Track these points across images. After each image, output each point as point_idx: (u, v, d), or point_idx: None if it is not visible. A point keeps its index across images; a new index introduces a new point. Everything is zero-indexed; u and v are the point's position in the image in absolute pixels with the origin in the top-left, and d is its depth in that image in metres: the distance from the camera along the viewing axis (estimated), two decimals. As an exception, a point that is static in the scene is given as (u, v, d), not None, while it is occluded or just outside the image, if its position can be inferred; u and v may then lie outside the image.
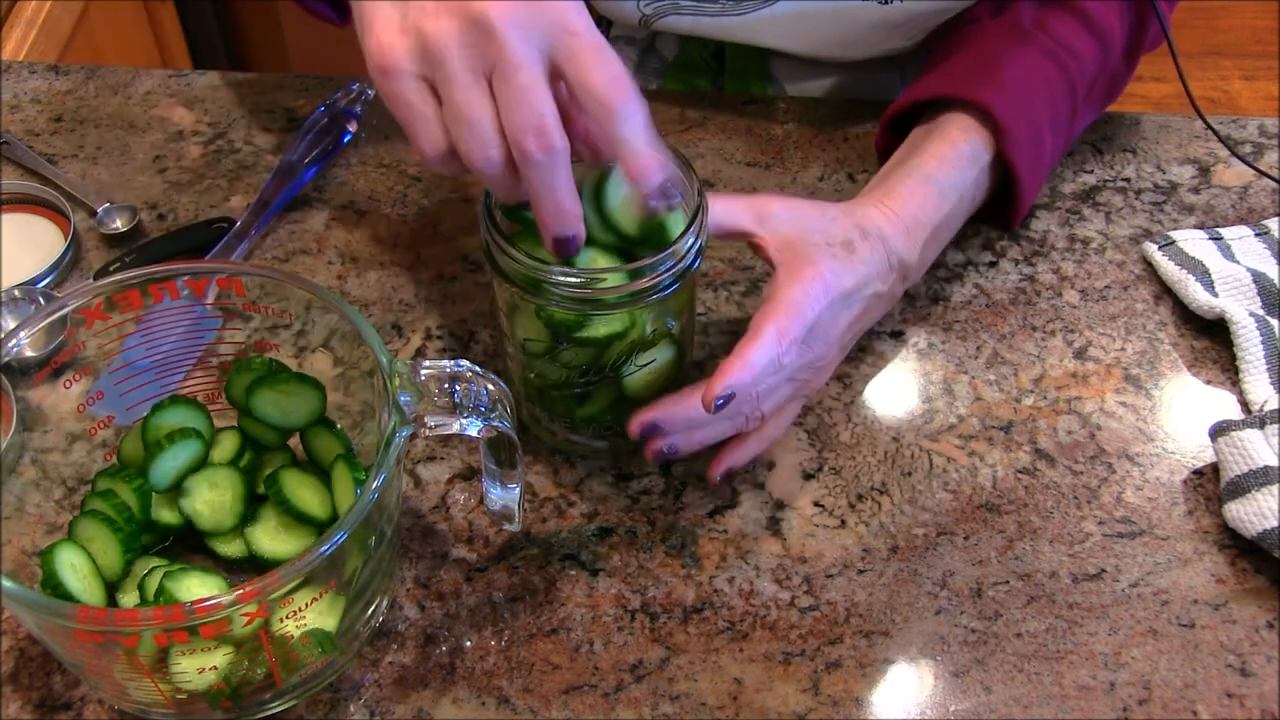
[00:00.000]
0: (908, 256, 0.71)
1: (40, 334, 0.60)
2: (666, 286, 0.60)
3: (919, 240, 0.72)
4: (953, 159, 0.74)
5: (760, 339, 0.63)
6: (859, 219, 0.70)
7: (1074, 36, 0.78)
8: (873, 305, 0.70)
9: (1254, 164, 0.83)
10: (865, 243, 0.68)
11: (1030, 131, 0.75)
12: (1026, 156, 0.75)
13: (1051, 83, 0.77)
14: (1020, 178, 0.76)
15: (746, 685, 0.61)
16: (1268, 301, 0.75)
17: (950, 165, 0.74)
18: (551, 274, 0.59)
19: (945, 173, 0.74)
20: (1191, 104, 0.82)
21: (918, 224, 0.72)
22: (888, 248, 0.69)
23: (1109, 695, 0.61)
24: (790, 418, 0.70)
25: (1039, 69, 0.76)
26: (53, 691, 0.61)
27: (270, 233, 0.82)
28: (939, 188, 0.73)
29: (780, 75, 0.94)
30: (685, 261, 0.60)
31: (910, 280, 0.74)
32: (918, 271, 0.74)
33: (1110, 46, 0.79)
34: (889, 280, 0.70)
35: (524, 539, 0.67)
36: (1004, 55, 0.77)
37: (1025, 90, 0.76)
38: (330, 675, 0.60)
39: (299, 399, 0.63)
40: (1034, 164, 0.77)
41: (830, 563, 0.66)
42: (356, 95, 0.89)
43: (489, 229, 0.61)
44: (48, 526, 0.64)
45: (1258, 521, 0.64)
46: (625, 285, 0.59)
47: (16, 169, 0.86)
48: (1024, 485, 0.69)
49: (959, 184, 0.74)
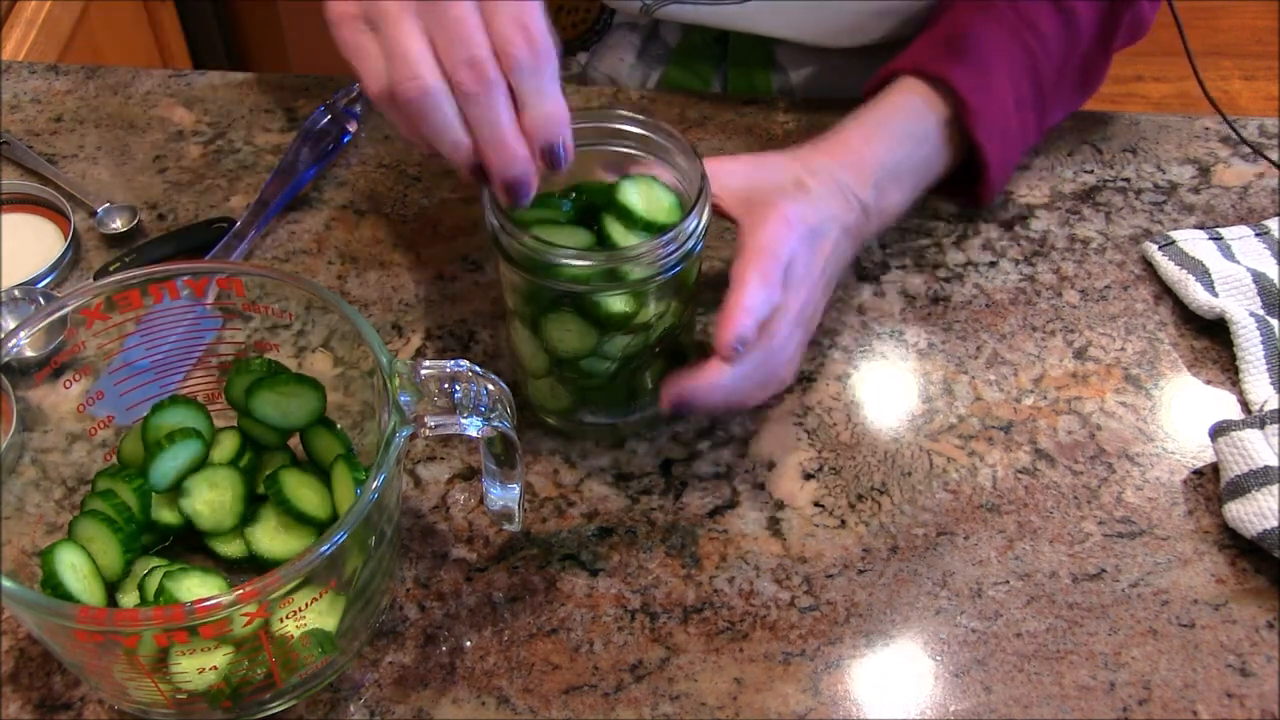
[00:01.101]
0: (860, 192, 0.72)
1: (40, 334, 0.60)
2: (672, 267, 0.61)
3: (868, 176, 0.73)
4: (903, 108, 0.76)
5: (747, 285, 0.64)
6: (804, 160, 0.72)
7: (1043, 20, 0.78)
8: (841, 240, 0.71)
9: (1263, 152, 0.83)
10: (814, 179, 0.70)
11: (994, 106, 0.76)
12: (988, 128, 0.76)
13: (1015, 60, 0.78)
14: (984, 147, 0.76)
15: (746, 685, 0.61)
16: (1268, 301, 0.75)
17: (899, 113, 0.76)
18: (560, 255, 0.60)
19: (894, 119, 0.76)
20: (1205, 95, 0.81)
21: (864, 161, 0.73)
22: (838, 181, 0.71)
23: (1109, 695, 0.61)
24: (798, 361, 0.71)
25: (1003, 47, 0.77)
26: (53, 691, 0.61)
27: (270, 233, 0.82)
28: (888, 130, 0.75)
29: (784, 62, 0.94)
30: (689, 244, 0.62)
31: (874, 222, 0.74)
32: (880, 214, 0.75)
33: (1078, 33, 0.80)
34: (850, 213, 0.71)
35: (524, 539, 0.67)
36: (969, 31, 0.78)
37: (988, 64, 0.77)
38: (330, 675, 0.60)
39: (299, 400, 0.63)
40: (999, 137, 0.77)
41: (830, 563, 0.66)
42: (356, 95, 0.89)
43: (496, 213, 0.61)
44: (48, 526, 0.64)
45: (1258, 521, 0.64)
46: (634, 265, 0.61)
47: (16, 169, 0.86)
48: (1024, 485, 0.69)
49: (912, 131, 0.76)
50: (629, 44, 0.95)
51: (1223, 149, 0.88)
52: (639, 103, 0.91)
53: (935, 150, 0.77)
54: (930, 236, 0.82)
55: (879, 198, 0.74)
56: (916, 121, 0.76)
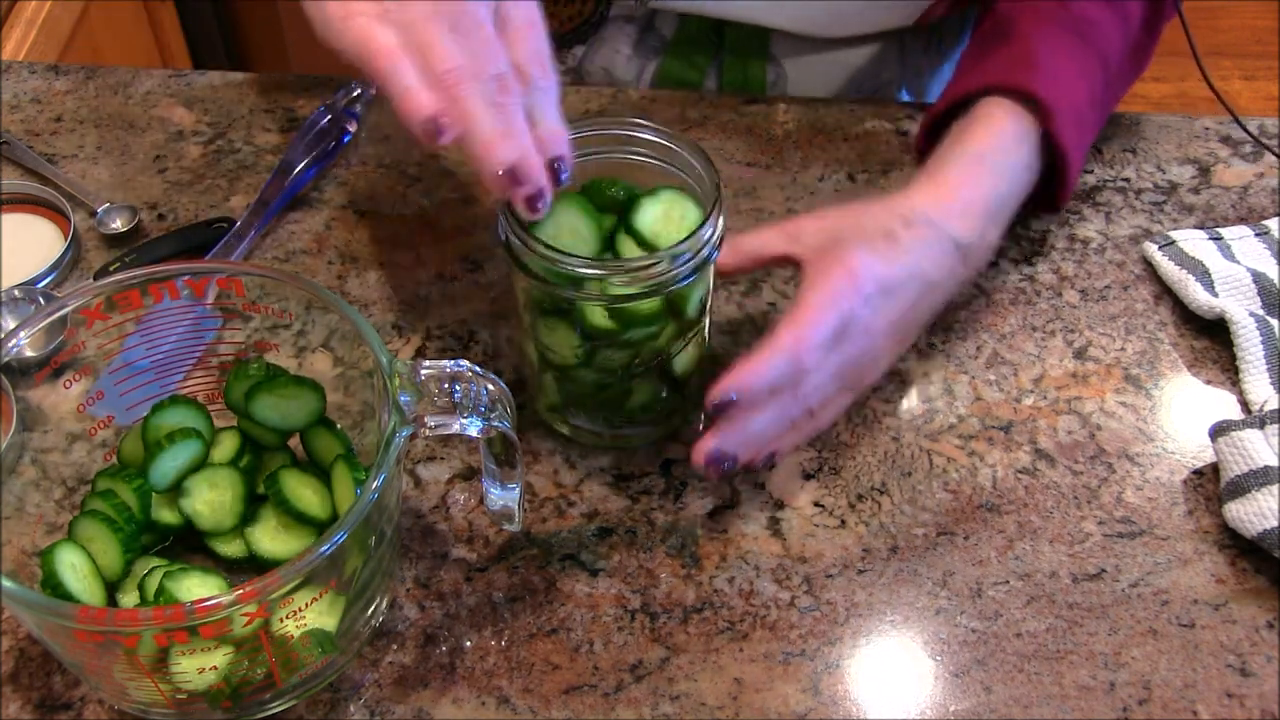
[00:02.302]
0: (965, 237, 0.69)
1: (40, 334, 0.60)
2: (685, 277, 0.61)
3: (975, 219, 0.70)
4: (1000, 137, 0.73)
5: (772, 347, 0.63)
6: (902, 208, 0.68)
7: (1095, 10, 0.77)
8: (926, 294, 0.68)
9: (1267, 144, 0.82)
10: (909, 231, 0.67)
11: (1073, 110, 0.74)
12: (1072, 134, 0.74)
13: (1083, 59, 0.76)
14: (1068, 155, 0.74)
15: (746, 685, 0.61)
16: (1268, 301, 0.75)
17: (998, 143, 0.73)
18: (573, 264, 0.59)
19: (994, 151, 0.72)
20: (1212, 89, 0.81)
21: (972, 203, 0.70)
22: (938, 232, 0.68)
23: (1109, 695, 0.61)
24: (840, 410, 0.69)
25: (1068, 47, 0.76)
26: (53, 691, 0.61)
27: (270, 233, 0.82)
28: (991, 166, 0.72)
29: (779, 53, 0.94)
30: (703, 254, 0.61)
31: (975, 261, 0.72)
32: (983, 252, 0.72)
33: (1129, 17, 0.78)
34: (944, 265, 0.68)
35: (524, 539, 0.67)
36: (1033, 38, 0.76)
37: (1061, 69, 0.75)
38: (330, 675, 0.60)
39: (298, 401, 0.63)
40: (1079, 141, 0.76)
41: (830, 563, 0.66)
42: (356, 95, 0.89)
43: (509, 222, 0.61)
44: (48, 526, 0.64)
45: (1258, 521, 0.64)
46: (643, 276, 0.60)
47: (16, 169, 0.86)
48: (1024, 485, 0.69)
49: (1012, 163, 0.73)
50: (625, 36, 0.95)
51: (1223, 149, 0.88)
52: (639, 103, 0.91)
53: (1030, 174, 0.75)
54: (930, 236, 0.82)
55: (983, 235, 0.71)
56: (1015, 151, 0.73)
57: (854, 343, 0.66)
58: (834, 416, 0.69)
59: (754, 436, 0.64)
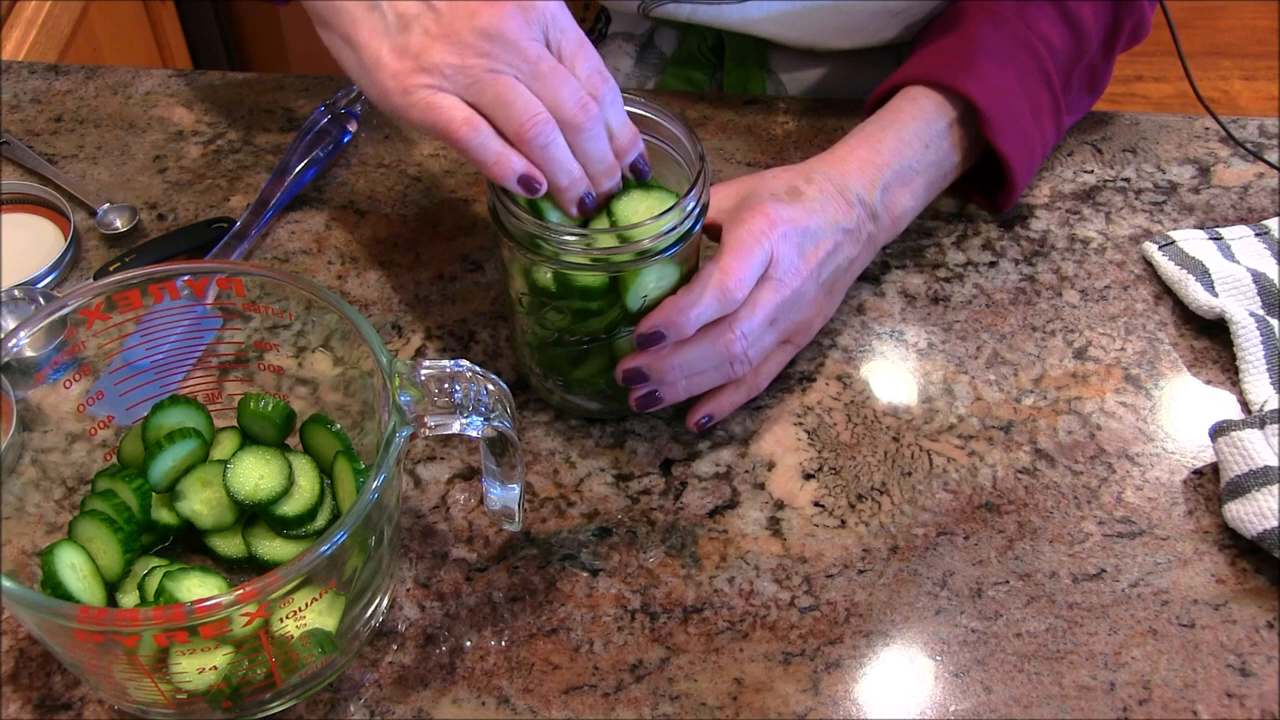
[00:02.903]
0: (866, 194, 0.72)
1: (40, 334, 0.60)
2: (668, 247, 0.62)
3: (874, 179, 0.73)
4: (911, 113, 0.76)
5: (699, 283, 0.64)
6: (803, 170, 0.72)
7: (1050, 28, 0.78)
8: (844, 242, 0.71)
9: (1260, 155, 0.83)
10: (811, 185, 0.70)
11: (1010, 114, 0.76)
12: (1008, 136, 0.76)
13: (1026, 69, 0.78)
14: (1005, 154, 0.76)
15: (746, 685, 0.61)
16: (1268, 301, 0.75)
17: (907, 117, 0.76)
18: (554, 233, 0.62)
19: (901, 124, 0.75)
20: (1198, 98, 0.82)
21: (871, 163, 0.73)
22: (838, 185, 0.71)
23: (1109, 695, 0.61)
24: (777, 368, 0.71)
25: (1012, 55, 0.77)
26: (53, 691, 0.61)
27: (270, 233, 0.82)
28: (895, 134, 0.75)
29: (776, 67, 0.94)
30: (687, 223, 0.62)
31: (884, 224, 0.74)
32: (891, 217, 0.74)
33: (1085, 40, 0.80)
34: (853, 216, 0.71)
35: (524, 539, 0.67)
36: (977, 40, 0.78)
37: (999, 73, 0.77)
38: (330, 675, 0.60)
39: (276, 464, 0.63)
40: (1022, 144, 0.77)
41: (830, 563, 0.66)
42: (356, 95, 0.89)
43: (496, 194, 0.63)
44: (48, 526, 0.64)
45: (1258, 521, 0.64)
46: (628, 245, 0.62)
47: (16, 169, 0.86)
48: (1024, 485, 0.69)
49: (920, 134, 0.75)
50: (624, 53, 0.95)
51: (1223, 149, 0.88)
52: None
53: (946, 153, 0.77)
54: (930, 236, 0.82)
55: (887, 200, 0.73)
56: (925, 125, 0.76)
57: (785, 285, 0.67)
58: (773, 373, 0.71)
59: (678, 368, 0.66)
